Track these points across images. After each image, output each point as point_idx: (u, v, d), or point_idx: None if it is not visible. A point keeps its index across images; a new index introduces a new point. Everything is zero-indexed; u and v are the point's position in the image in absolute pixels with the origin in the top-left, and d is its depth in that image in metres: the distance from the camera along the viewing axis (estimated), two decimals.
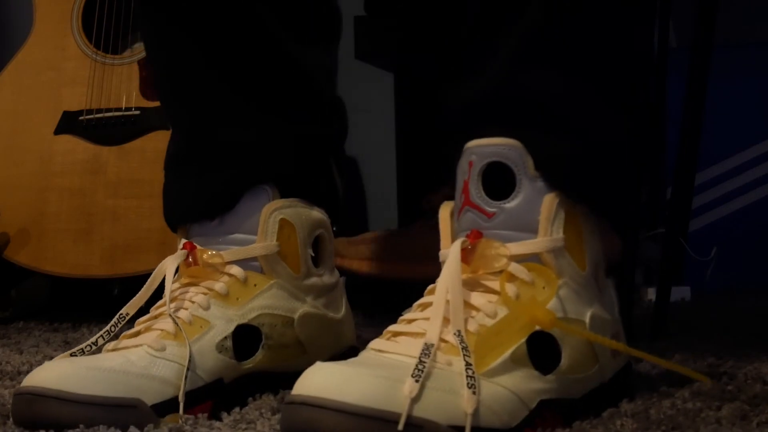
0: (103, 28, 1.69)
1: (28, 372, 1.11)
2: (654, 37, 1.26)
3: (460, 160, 0.88)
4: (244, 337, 0.96)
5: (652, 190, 1.83)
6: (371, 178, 2.22)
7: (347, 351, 1.05)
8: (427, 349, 0.76)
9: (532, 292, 0.83)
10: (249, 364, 0.96)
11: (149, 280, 0.95)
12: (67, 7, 1.71)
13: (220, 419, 0.89)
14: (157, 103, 1.61)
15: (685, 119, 1.32)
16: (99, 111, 1.64)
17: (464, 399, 0.75)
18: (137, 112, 1.62)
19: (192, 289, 0.96)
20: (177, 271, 0.97)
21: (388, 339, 0.82)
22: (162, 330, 0.92)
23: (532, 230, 0.84)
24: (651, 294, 1.66)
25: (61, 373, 0.84)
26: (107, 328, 0.93)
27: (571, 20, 0.87)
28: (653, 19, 1.01)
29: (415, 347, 0.78)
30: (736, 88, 1.88)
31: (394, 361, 0.78)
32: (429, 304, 0.82)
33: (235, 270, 0.97)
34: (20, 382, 1.03)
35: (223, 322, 0.95)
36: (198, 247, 0.98)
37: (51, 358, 1.21)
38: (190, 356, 0.91)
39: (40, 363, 1.16)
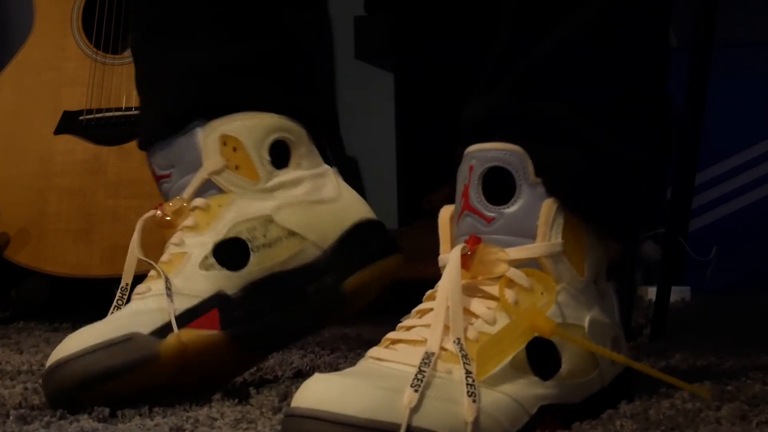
0: (103, 28, 1.69)
1: (28, 372, 1.11)
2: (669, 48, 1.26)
3: (460, 164, 0.88)
4: (232, 250, 0.98)
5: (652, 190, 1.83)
6: (371, 178, 2.22)
7: (359, 225, 1.05)
8: (427, 358, 0.76)
9: (531, 298, 0.83)
10: (246, 270, 0.99)
11: (129, 249, 1.02)
12: (67, 7, 1.71)
13: (230, 326, 0.94)
14: None
15: (685, 119, 1.32)
16: (99, 111, 1.64)
17: (464, 408, 0.75)
18: (137, 112, 1.62)
19: (172, 238, 1.00)
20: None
21: (386, 347, 0.81)
22: (150, 277, 0.97)
23: (531, 236, 0.84)
24: (651, 294, 1.66)
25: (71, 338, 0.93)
26: (114, 303, 0.98)
27: (577, 44, 0.87)
28: (666, 31, 1.00)
29: (414, 356, 0.78)
30: (736, 88, 1.88)
31: (393, 371, 0.78)
32: (428, 311, 0.82)
33: (197, 201, 1.00)
34: (20, 382, 1.04)
35: (198, 248, 0.98)
36: (163, 203, 1.02)
37: None
38: (168, 280, 0.95)
39: (40, 363, 1.17)
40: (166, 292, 0.94)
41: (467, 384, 0.76)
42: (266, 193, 1.01)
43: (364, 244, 1.04)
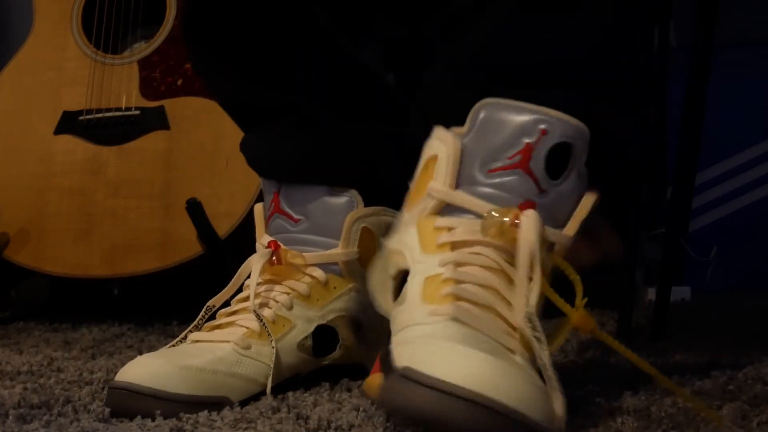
0: (103, 28, 1.69)
1: (28, 372, 1.11)
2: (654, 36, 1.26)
3: (515, 114, 0.82)
4: (322, 336, 1.01)
5: (652, 190, 1.83)
6: None
7: None
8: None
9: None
10: (326, 360, 1.02)
11: (236, 275, 1.01)
12: (67, 7, 1.71)
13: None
14: (157, 103, 1.61)
15: (685, 119, 1.32)
16: (99, 111, 1.64)
17: (557, 402, 0.74)
18: (137, 112, 1.62)
19: (276, 287, 1.01)
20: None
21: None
22: (248, 328, 0.97)
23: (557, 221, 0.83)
24: (651, 294, 1.66)
25: (155, 371, 0.90)
26: (195, 322, 0.99)
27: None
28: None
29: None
30: (736, 88, 1.87)
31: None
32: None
33: (317, 273, 1.02)
34: (20, 382, 1.03)
35: (304, 322, 1.01)
36: (282, 246, 1.02)
37: (51, 358, 1.21)
38: (276, 355, 0.97)
39: (40, 363, 1.17)
40: (272, 374, 0.96)
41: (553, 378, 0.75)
42: None
43: None
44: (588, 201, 0.84)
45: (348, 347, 1.03)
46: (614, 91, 0.88)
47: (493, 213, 0.81)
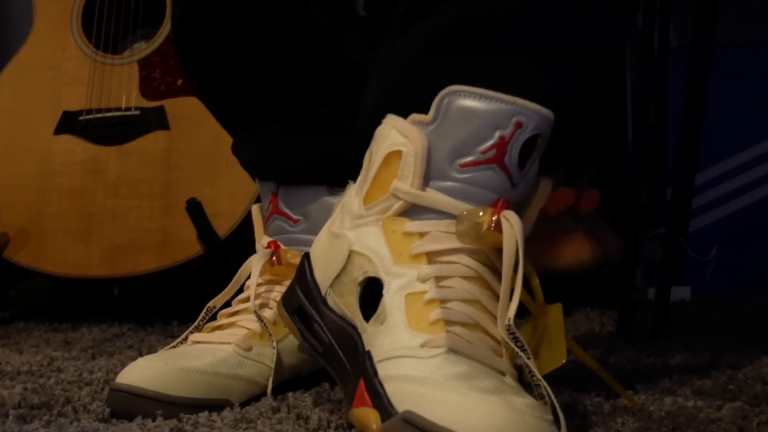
0: (102, 28, 1.69)
1: (28, 372, 1.11)
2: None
3: (490, 106, 0.78)
4: None
5: (652, 190, 1.83)
6: None
7: None
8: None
9: None
10: None
11: (236, 276, 1.01)
12: (67, 7, 1.71)
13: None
14: (157, 103, 1.61)
15: (685, 119, 1.32)
16: (99, 111, 1.64)
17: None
18: (137, 112, 1.62)
19: (276, 288, 1.01)
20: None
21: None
22: (248, 329, 0.98)
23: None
24: (651, 294, 1.66)
25: (156, 373, 0.90)
26: (196, 323, 0.99)
27: None
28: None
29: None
30: (736, 88, 1.87)
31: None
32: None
33: None
34: (20, 382, 1.03)
35: None
36: (282, 246, 1.02)
37: (51, 358, 1.21)
38: (277, 357, 0.97)
39: (40, 363, 1.17)
40: (273, 376, 0.96)
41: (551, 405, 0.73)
42: None
43: None
44: (545, 187, 0.81)
45: None
46: (577, 61, 0.83)
47: (468, 215, 0.77)
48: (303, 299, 0.86)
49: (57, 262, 1.58)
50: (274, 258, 1.01)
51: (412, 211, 0.79)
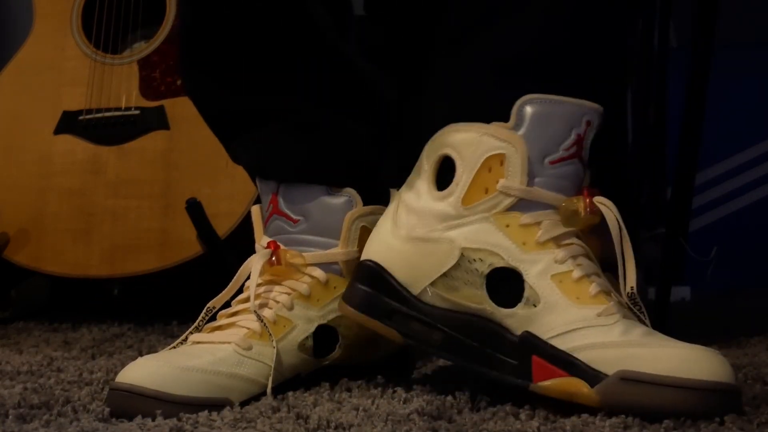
0: (102, 28, 1.69)
1: (28, 372, 1.11)
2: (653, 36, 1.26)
3: (561, 108, 0.90)
4: (322, 336, 1.01)
5: (652, 190, 1.83)
6: None
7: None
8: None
9: None
10: (326, 360, 1.02)
11: (236, 276, 1.01)
12: (67, 6, 1.71)
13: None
14: (156, 103, 1.61)
15: (685, 119, 1.32)
16: (99, 111, 1.64)
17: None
18: (137, 112, 1.62)
19: (276, 288, 1.01)
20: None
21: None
22: (248, 329, 0.97)
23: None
24: (651, 294, 1.66)
25: (155, 372, 0.91)
26: (196, 323, 0.99)
27: None
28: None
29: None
30: (736, 88, 1.87)
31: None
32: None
33: (318, 272, 1.02)
34: (20, 382, 1.03)
35: (304, 323, 1.00)
36: (282, 246, 1.02)
37: (51, 358, 1.21)
38: (277, 356, 0.97)
39: (40, 363, 1.17)
40: (273, 375, 0.96)
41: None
42: None
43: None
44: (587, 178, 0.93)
45: (348, 347, 1.03)
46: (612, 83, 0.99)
47: (568, 204, 0.90)
48: (395, 303, 0.94)
49: (57, 262, 1.58)
50: (273, 258, 1.01)
51: (519, 206, 0.90)
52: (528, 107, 0.90)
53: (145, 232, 1.56)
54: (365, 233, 1.02)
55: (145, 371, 0.91)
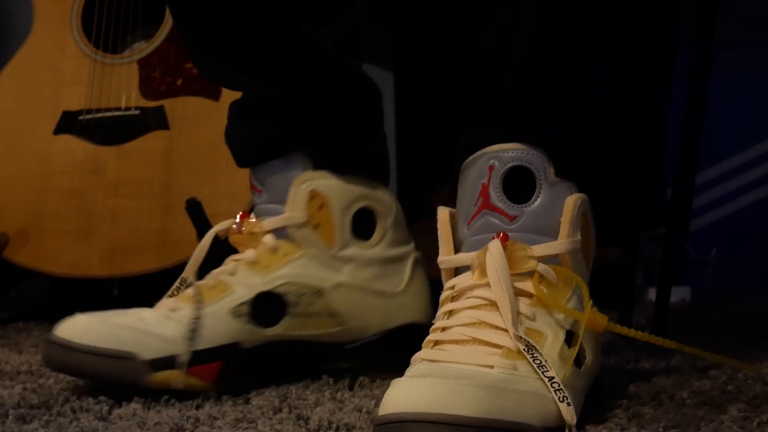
0: (102, 28, 1.69)
1: (27, 372, 1.11)
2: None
3: (473, 164, 0.89)
4: (271, 305, 1.00)
5: (652, 190, 1.83)
6: None
7: (403, 328, 1.06)
8: (536, 360, 0.79)
9: (555, 292, 0.85)
10: (272, 330, 1.00)
11: (201, 243, 1.05)
12: (67, 6, 1.71)
13: (227, 380, 0.96)
14: (156, 103, 1.61)
15: (686, 119, 1.32)
16: (99, 111, 1.64)
17: (564, 411, 0.77)
18: (137, 112, 1.62)
19: (228, 264, 1.03)
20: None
21: (432, 348, 0.82)
22: (185, 294, 0.99)
23: (550, 233, 0.87)
24: (651, 294, 1.66)
25: (78, 325, 0.96)
26: (169, 291, 1.02)
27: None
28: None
29: (466, 354, 0.80)
30: (736, 88, 1.87)
31: (461, 370, 0.78)
32: (460, 310, 0.84)
33: (267, 238, 1.02)
34: (20, 382, 1.04)
35: (244, 288, 1.00)
36: (248, 217, 1.04)
37: None
38: (196, 317, 0.96)
39: (40, 363, 1.17)
40: (190, 334, 0.96)
41: (555, 390, 0.78)
42: (334, 261, 1.02)
43: (397, 350, 1.02)
44: (570, 202, 0.87)
45: (301, 316, 1.01)
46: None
47: (473, 260, 0.86)
48: None
49: (57, 262, 1.58)
50: (234, 227, 1.03)
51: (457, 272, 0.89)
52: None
53: (145, 232, 1.56)
54: (316, 196, 1.02)
55: (70, 325, 0.97)
